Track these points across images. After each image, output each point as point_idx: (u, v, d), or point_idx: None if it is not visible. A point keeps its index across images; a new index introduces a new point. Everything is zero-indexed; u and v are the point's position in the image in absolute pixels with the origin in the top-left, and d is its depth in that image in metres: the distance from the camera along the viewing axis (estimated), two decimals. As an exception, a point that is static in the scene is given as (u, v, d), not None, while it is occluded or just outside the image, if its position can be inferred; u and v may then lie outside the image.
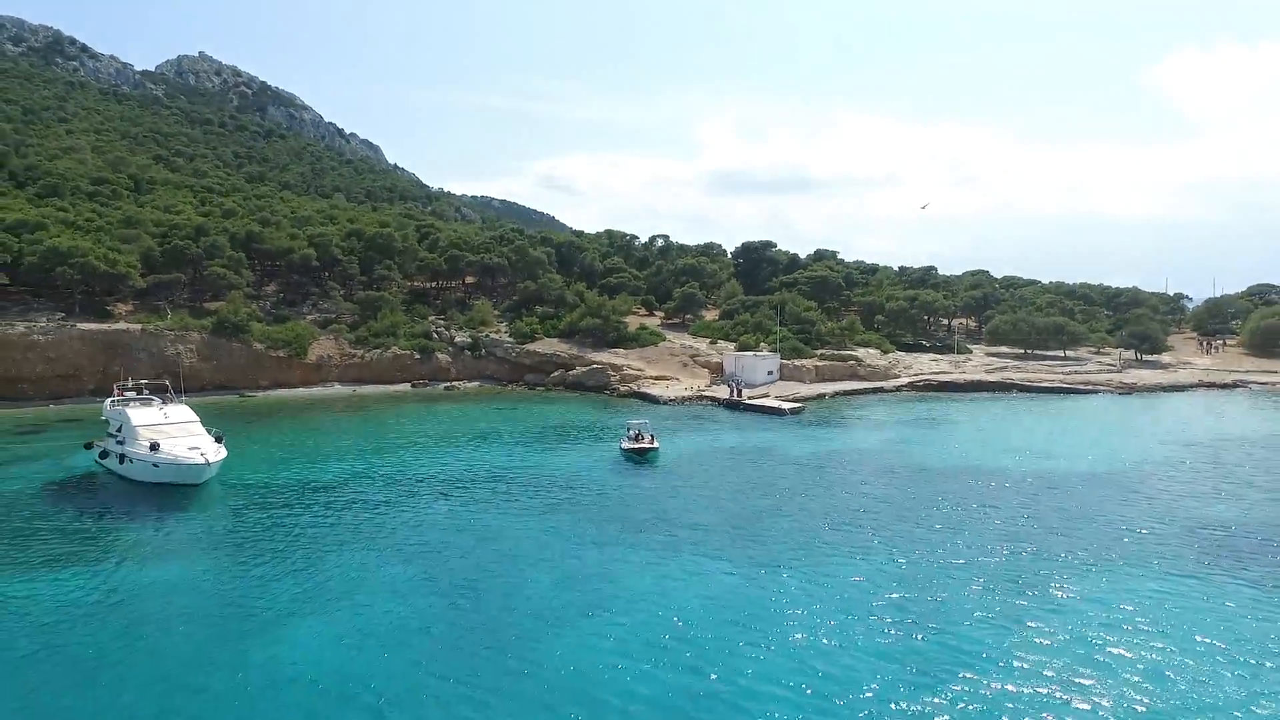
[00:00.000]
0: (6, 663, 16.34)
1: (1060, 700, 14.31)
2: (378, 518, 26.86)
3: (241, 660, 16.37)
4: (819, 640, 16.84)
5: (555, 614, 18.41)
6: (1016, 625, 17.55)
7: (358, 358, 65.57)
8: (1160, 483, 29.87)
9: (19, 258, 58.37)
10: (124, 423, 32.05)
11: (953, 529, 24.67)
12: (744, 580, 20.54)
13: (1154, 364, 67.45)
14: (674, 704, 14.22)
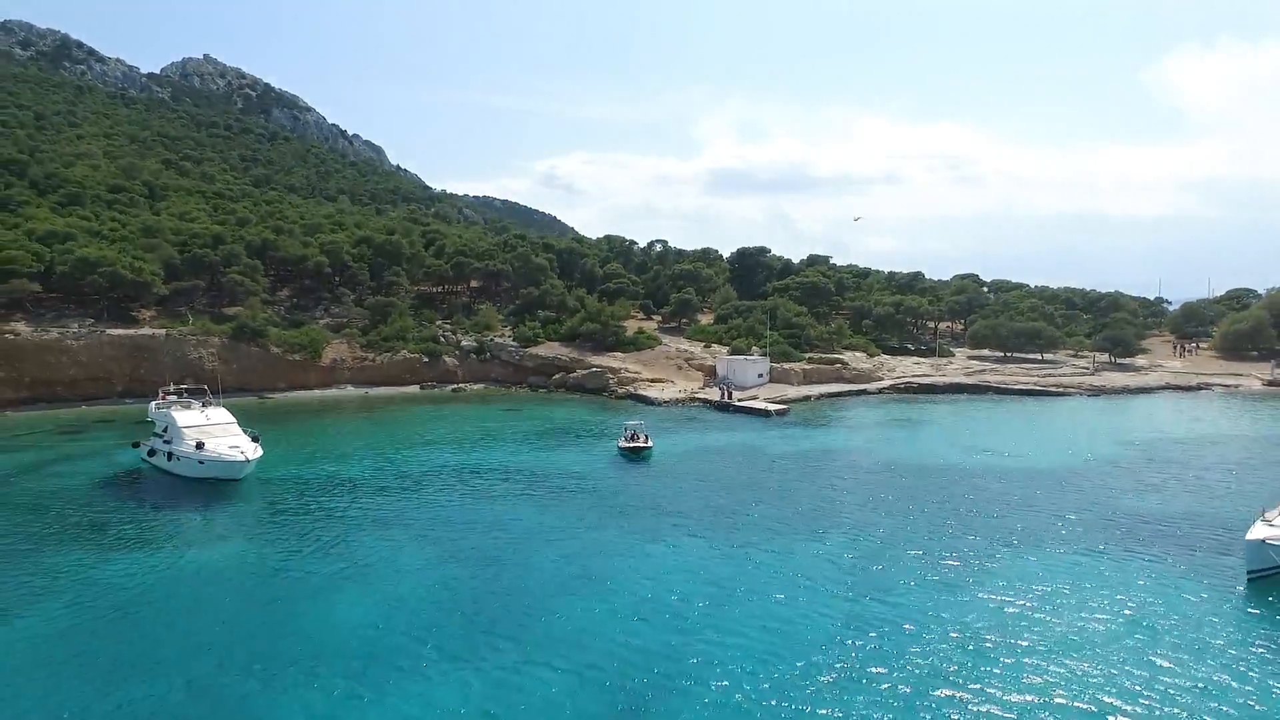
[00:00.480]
0: (106, 628, 20.04)
1: (970, 648, 17.94)
2: (401, 507, 30.56)
3: (298, 620, 20.05)
4: (777, 603, 20.51)
5: (560, 583, 22.11)
6: (945, 591, 21.21)
7: (369, 361, 69.32)
8: (1096, 477, 33.52)
9: (51, 267, 62.12)
10: (170, 424, 35.77)
11: (905, 516, 28.35)
12: (719, 557, 24.22)
13: (1127, 367, 71.08)
14: (656, 650, 17.88)
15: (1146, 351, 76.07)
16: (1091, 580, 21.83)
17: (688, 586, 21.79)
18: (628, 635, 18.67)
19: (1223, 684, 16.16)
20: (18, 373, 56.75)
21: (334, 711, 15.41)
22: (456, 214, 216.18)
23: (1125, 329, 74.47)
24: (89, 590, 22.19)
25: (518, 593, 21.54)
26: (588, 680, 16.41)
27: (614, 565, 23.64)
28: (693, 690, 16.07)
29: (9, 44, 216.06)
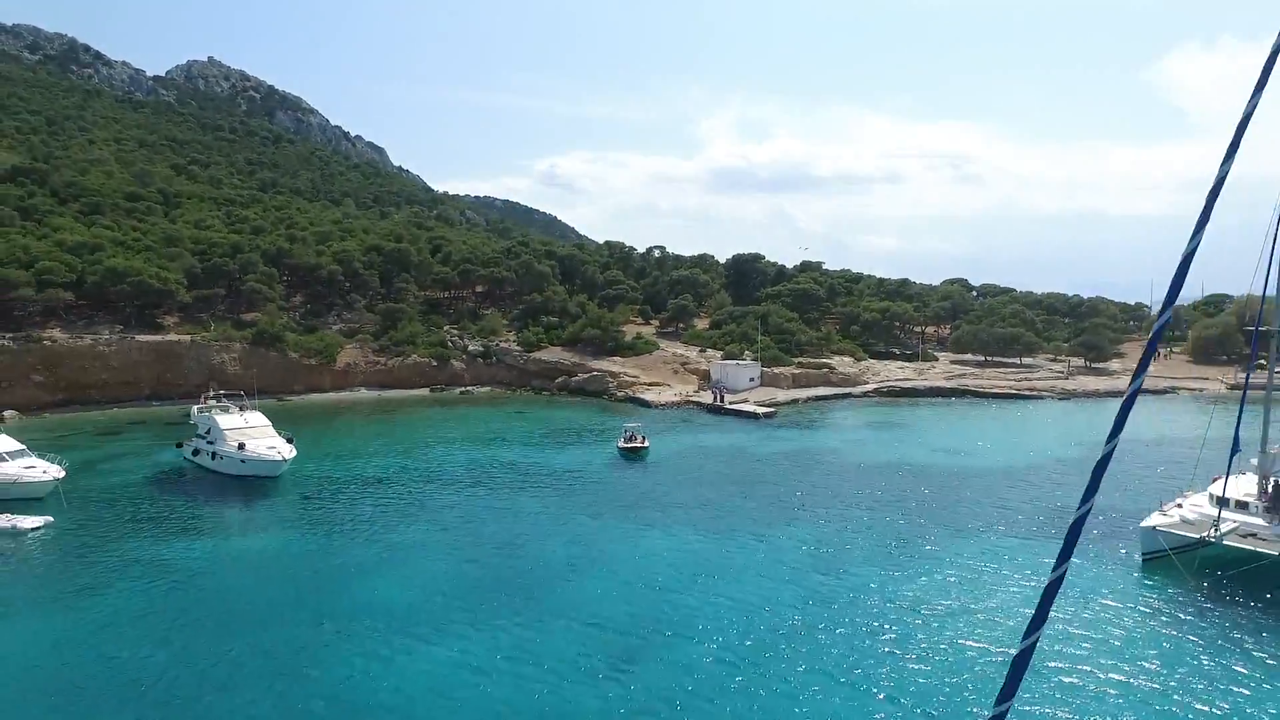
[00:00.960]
0: (181, 602, 24.09)
1: (901, 611, 21.93)
2: (423, 500, 34.61)
3: (348, 590, 24.07)
4: (749, 578, 24.53)
5: (566, 562, 26.16)
6: (888, 568, 25.23)
7: (381, 365, 73.36)
8: (1045, 475, 37.54)
9: (82, 276, 66.12)
10: (212, 426, 39.83)
11: (868, 508, 32.38)
12: (703, 542, 28.26)
13: (1101, 371, 75.10)
14: (646, 614, 21.89)
15: (1121, 356, 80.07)
16: (1018, 560, 25.86)
17: (675, 565, 25.82)
18: (623, 602, 22.69)
19: (1112, 636, 20.17)
20: (55, 376, 60.80)
21: (393, 656, 19.44)
22: (459, 216, 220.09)
23: (1102, 334, 78.45)
24: (163, 570, 26.23)
25: (531, 570, 25.58)
26: (590, 636, 20.44)
27: (612, 548, 27.69)
28: (674, 643, 20.09)
29: (17, 48, 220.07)
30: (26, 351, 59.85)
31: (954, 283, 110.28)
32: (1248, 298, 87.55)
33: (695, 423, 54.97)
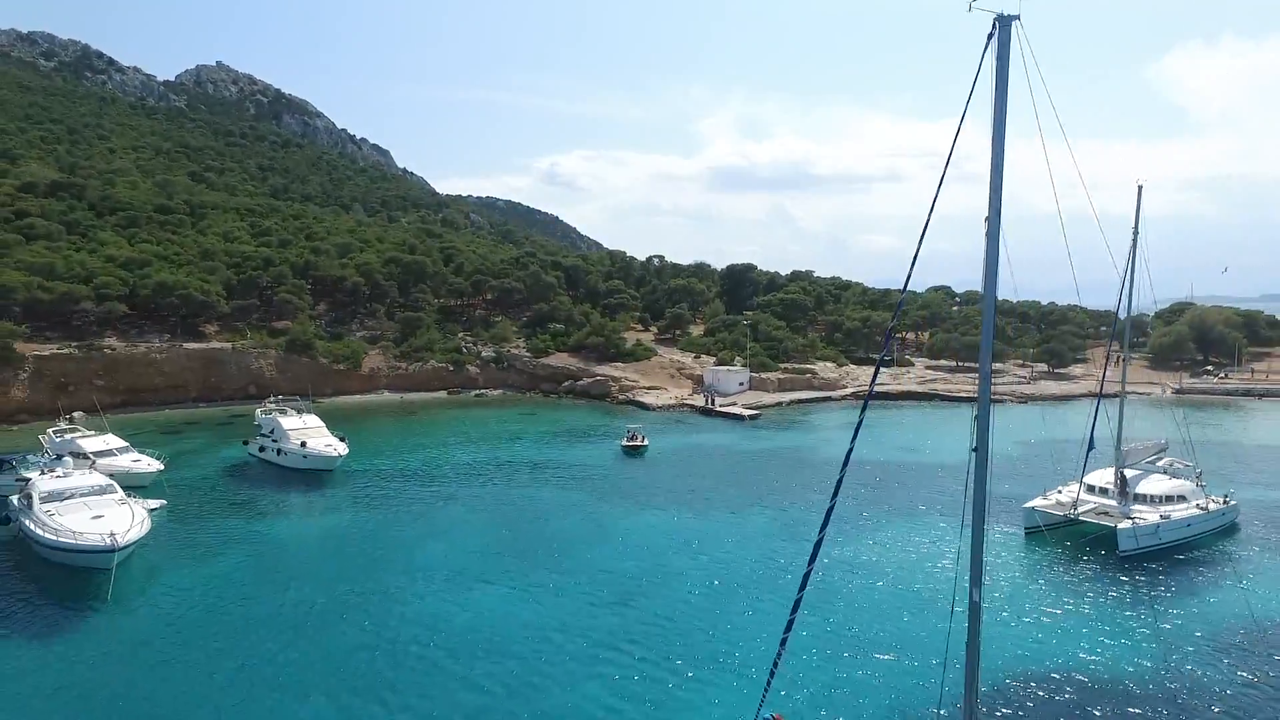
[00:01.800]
0: (283, 562, 31.53)
1: (837, 571, 29.27)
2: (456, 488, 42.03)
3: (404, 558, 31.38)
4: (722, 547, 31.91)
5: (579, 535, 33.57)
6: (837, 537, 32.60)
7: (402, 369, 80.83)
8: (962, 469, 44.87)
9: (134, 290, 73.56)
10: (276, 426, 47.26)
11: (826, 493, 39.74)
12: (689, 520, 35.66)
13: (1063, 376, 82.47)
14: (642, 571, 29.24)
15: (1085, 361, 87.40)
16: (935, 534, 33.27)
17: (666, 536, 33.26)
18: (624, 563, 30.11)
19: (999, 584, 27.51)
20: (114, 381, 68.28)
21: (456, 595, 26.86)
22: (464, 219, 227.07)
23: (1065, 341, 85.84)
24: (260, 540, 33.67)
25: (554, 539, 33.00)
26: (598, 586, 27.85)
27: (616, 524, 35.13)
28: (658, 596, 27.45)
29: (33, 55, 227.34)
30: (89, 359, 67.36)
31: (938, 289, 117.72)
32: (1202, 309, 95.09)
33: (688, 424, 62.45)
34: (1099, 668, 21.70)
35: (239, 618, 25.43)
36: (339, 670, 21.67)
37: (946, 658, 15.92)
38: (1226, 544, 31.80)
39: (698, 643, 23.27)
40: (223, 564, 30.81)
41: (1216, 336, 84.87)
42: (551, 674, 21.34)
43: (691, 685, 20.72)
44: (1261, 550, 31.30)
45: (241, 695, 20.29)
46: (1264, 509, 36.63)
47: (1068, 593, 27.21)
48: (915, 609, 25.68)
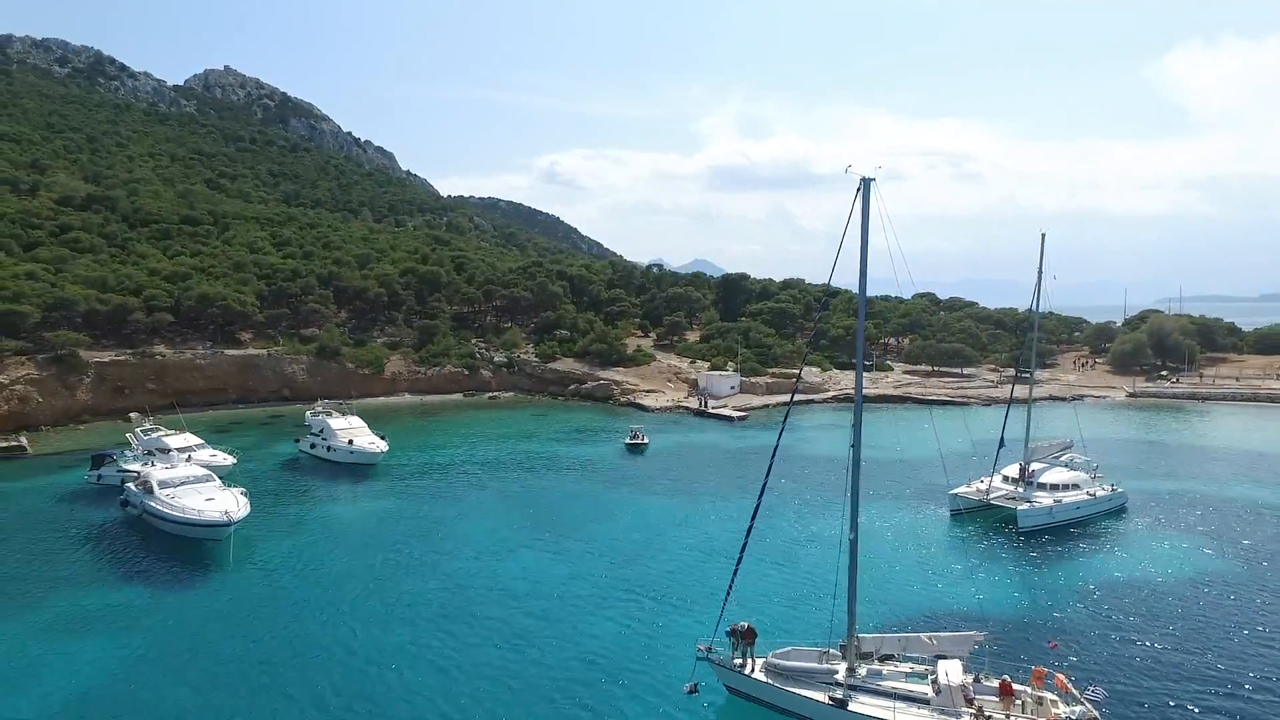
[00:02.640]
0: (350, 535, 39.44)
1: (799, 539, 37.10)
2: (481, 478, 49.92)
3: (443, 534, 39.24)
4: (707, 525, 39.80)
5: (589, 515, 41.49)
6: (798, 521, 40.48)
7: (421, 374, 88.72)
8: (933, 463, 52.73)
9: (178, 301, 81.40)
10: (325, 426, 55.13)
11: (796, 483, 47.65)
12: (680, 505, 43.54)
13: (1029, 380, 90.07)
14: (640, 542, 37.11)
15: (1053, 366, 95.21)
16: (882, 515, 41.16)
17: (662, 516, 41.15)
18: (628, 535, 38.00)
19: (926, 556, 35.42)
20: (163, 384, 76.14)
21: (491, 560, 34.76)
22: (469, 223, 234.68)
23: (1037, 348, 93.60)
24: (328, 520, 41.57)
25: (569, 519, 40.88)
26: (608, 551, 35.72)
27: (622, 507, 43.05)
28: (657, 558, 35.31)
29: (48, 62, 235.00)
30: (142, 364, 75.26)
31: (923, 296, 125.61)
32: (1162, 317, 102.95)
33: (683, 424, 70.39)
34: (985, 606, 29.58)
35: (326, 574, 33.34)
36: (413, 607, 29.58)
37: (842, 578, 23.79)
38: (1112, 523, 39.75)
39: (682, 588, 31.20)
40: (302, 537, 38.77)
41: (1173, 344, 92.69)
42: (579, 607, 29.29)
43: (676, 613, 28.67)
44: (1139, 527, 39.25)
45: (340, 627, 28.18)
46: (1153, 496, 44.57)
47: (974, 556, 35.18)
48: (831, 559, 33.55)
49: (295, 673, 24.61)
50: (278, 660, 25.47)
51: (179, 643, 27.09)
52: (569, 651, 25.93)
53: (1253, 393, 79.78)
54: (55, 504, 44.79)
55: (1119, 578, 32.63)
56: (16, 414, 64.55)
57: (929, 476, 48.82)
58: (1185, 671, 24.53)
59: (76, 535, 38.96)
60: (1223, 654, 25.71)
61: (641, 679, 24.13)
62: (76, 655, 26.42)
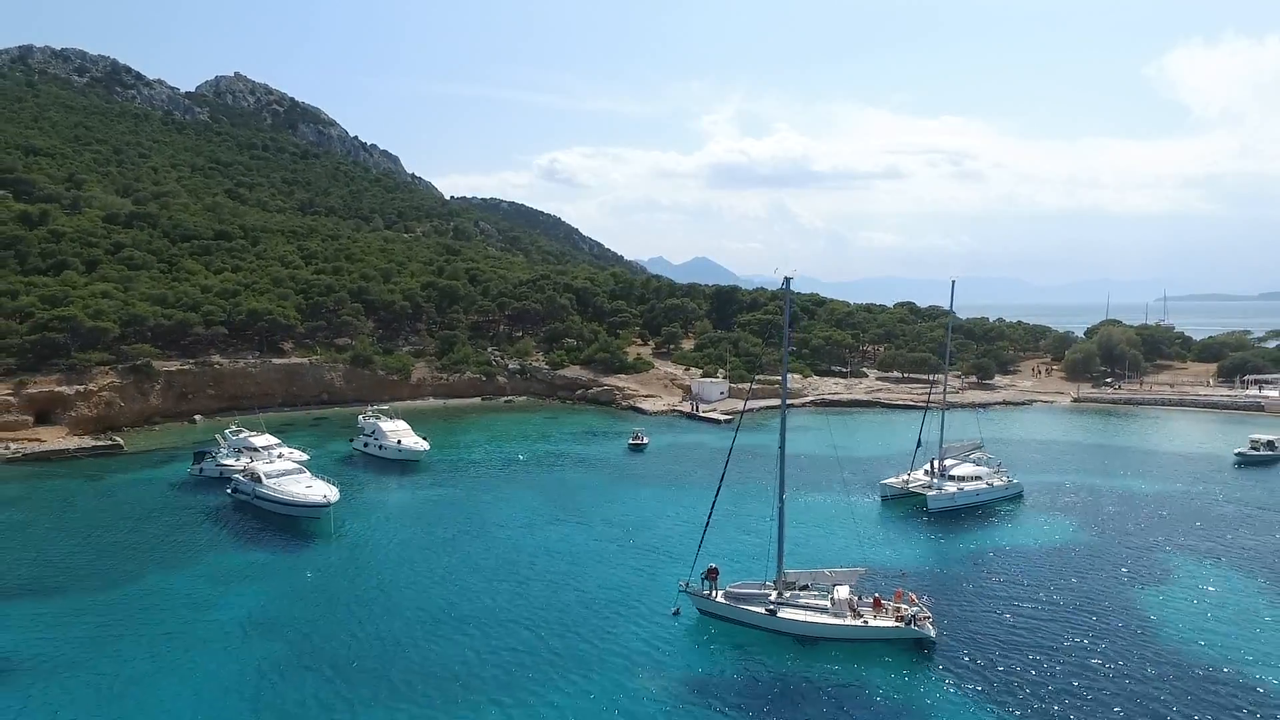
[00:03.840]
0: (416, 516, 51.34)
1: (759, 518, 48.81)
2: (507, 472, 61.73)
3: (483, 515, 51.03)
4: (691, 510, 51.62)
5: (599, 501, 53.34)
6: (763, 503, 52.23)
7: (443, 380, 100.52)
8: (879, 460, 64.52)
9: (231, 315, 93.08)
10: (376, 429, 66.89)
11: (765, 476, 59.43)
12: (672, 494, 55.37)
13: (990, 387, 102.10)
14: (639, 520, 48.88)
15: (1015, 373, 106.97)
16: (828, 500, 52.93)
17: (657, 502, 52.94)
18: (631, 515, 49.81)
19: (856, 529, 47.21)
20: (220, 390, 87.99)
21: (525, 535, 46.59)
22: (474, 228, 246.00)
23: (998, 356, 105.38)
24: (386, 505, 53.42)
25: (583, 503, 52.68)
26: (614, 526, 47.55)
27: (625, 494, 54.87)
28: (654, 529, 47.09)
29: (67, 71, 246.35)
30: (203, 373, 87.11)
31: (903, 305, 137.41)
32: (1110, 329, 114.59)
33: (677, 426, 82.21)
34: (890, 560, 41.30)
35: (406, 541, 45.17)
36: (481, 561, 41.37)
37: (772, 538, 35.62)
38: (1007, 506, 51.61)
39: (670, 548, 43.02)
40: (377, 516, 50.65)
41: (1120, 353, 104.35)
42: (598, 561, 41.11)
43: (665, 565, 40.48)
44: (1026, 510, 51.12)
45: (428, 572, 39.94)
46: (1049, 486, 56.48)
47: (890, 529, 47.04)
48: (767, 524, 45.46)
49: (408, 599, 36.46)
50: (392, 591, 37.36)
51: (309, 584, 38.93)
52: (593, 587, 37.82)
53: (1180, 398, 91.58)
54: (170, 491, 56.72)
55: (996, 544, 44.51)
56: (103, 417, 76.40)
57: (876, 471, 60.70)
58: (1018, 603, 36.30)
59: (199, 514, 50.86)
60: (1051, 592, 37.45)
61: (641, 605, 35.99)
62: (235, 593, 38.17)
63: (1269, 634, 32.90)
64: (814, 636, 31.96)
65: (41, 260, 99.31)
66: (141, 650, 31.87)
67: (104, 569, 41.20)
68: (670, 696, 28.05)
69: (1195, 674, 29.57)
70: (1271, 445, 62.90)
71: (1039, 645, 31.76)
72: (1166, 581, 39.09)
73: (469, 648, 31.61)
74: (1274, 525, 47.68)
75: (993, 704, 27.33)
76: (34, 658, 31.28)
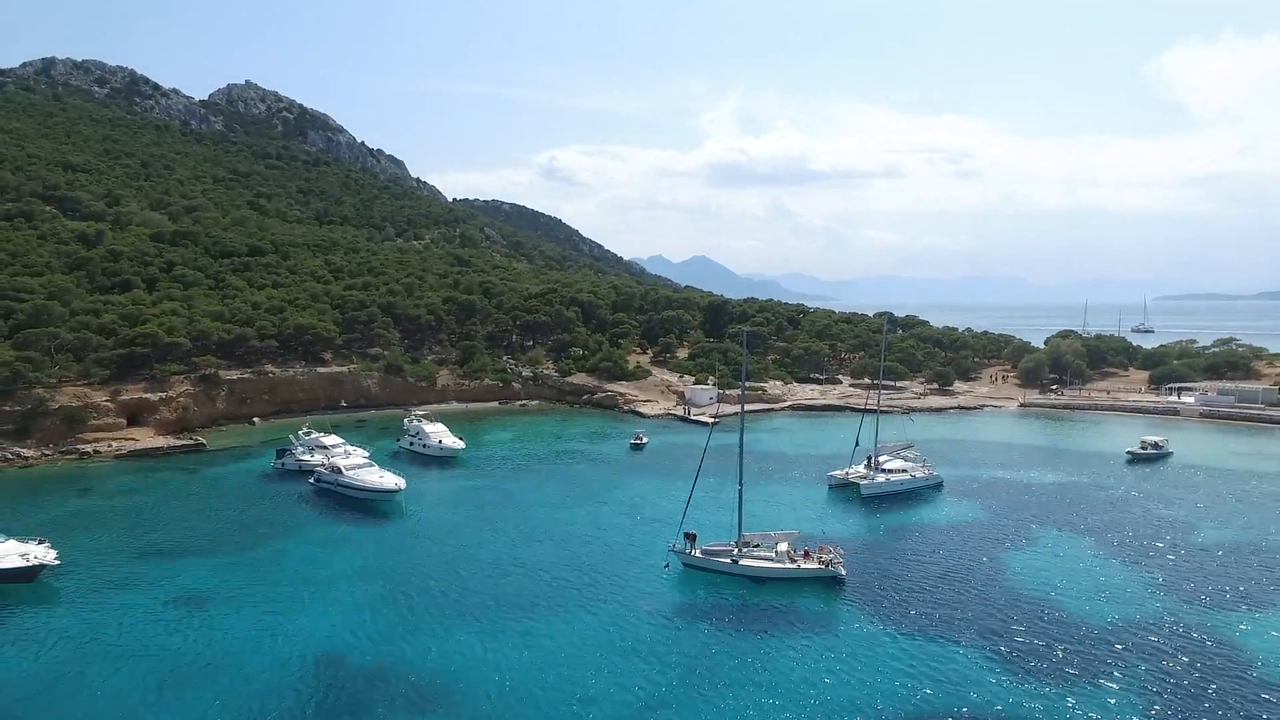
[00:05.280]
0: (460, 501, 66.20)
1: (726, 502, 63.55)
2: (531, 466, 76.52)
3: (514, 500, 65.86)
4: (677, 498, 66.36)
5: (609, 488, 68.11)
6: (726, 490, 67.03)
7: (465, 385, 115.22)
8: (836, 458, 79.25)
9: (280, 329, 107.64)
10: (420, 429, 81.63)
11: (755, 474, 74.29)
12: (666, 484, 70.15)
13: (951, 392, 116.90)
14: (642, 502, 63.64)
15: (975, 379, 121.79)
16: (786, 488, 67.71)
17: (654, 491, 67.71)
18: (632, 498, 64.56)
19: (811, 509, 61.98)
20: (273, 396, 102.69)
21: (551, 514, 61.41)
22: (480, 234, 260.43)
23: (958, 364, 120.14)
24: (438, 491, 68.20)
25: (594, 490, 67.41)
26: (620, 507, 62.27)
27: (628, 483, 69.67)
28: (651, 508, 61.79)
29: (88, 83, 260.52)
30: (259, 381, 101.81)
31: (880, 314, 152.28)
32: (1057, 340, 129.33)
33: (671, 428, 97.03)
34: (826, 530, 56.03)
35: (459, 518, 59.94)
36: (518, 532, 56.10)
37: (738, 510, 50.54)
38: (928, 493, 66.39)
39: (663, 521, 57.70)
40: (430, 499, 65.47)
41: (1066, 362, 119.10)
42: (608, 530, 55.89)
43: (660, 531, 55.24)
44: (944, 496, 65.90)
45: (481, 541, 54.69)
46: (965, 478, 71.28)
47: (834, 509, 61.90)
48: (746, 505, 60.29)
49: (468, 554, 51.25)
50: (455, 549, 52.18)
51: (389, 549, 53.62)
52: (608, 547, 52.68)
53: (1112, 404, 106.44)
54: (259, 480, 71.49)
55: (910, 521, 59.25)
56: (180, 419, 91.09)
57: (833, 465, 75.55)
58: (914, 558, 51.02)
59: (290, 498, 65.58)
60: (942, 553, 52.12)
61: (640, 561, 50.78)
62: (338, 553, 52.86)
63: (1084, 578, 47.66)
64: (763, 577, 46.78)
65: (106, 279, 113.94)
66: (284, 589, 46.48)
67: (235, 538, 55.88)
68: (663, 616, 42.83)
69: (1026, 604, 44.26)
70: (1157, 445, 77.74)
71: (921, 584, 46.60)
72: (1030, 546, 53.91)
73: (520, 585, 46.43)
74: (1128, 506, 62.58)
75: (880, 619, 42.12)
76: (215, 592, 45.90)
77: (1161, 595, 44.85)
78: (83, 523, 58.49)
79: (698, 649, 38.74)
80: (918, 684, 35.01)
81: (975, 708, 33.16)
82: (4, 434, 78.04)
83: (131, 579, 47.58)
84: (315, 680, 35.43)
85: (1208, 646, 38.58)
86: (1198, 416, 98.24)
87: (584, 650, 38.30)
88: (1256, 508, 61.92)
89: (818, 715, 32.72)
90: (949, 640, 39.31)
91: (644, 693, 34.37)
